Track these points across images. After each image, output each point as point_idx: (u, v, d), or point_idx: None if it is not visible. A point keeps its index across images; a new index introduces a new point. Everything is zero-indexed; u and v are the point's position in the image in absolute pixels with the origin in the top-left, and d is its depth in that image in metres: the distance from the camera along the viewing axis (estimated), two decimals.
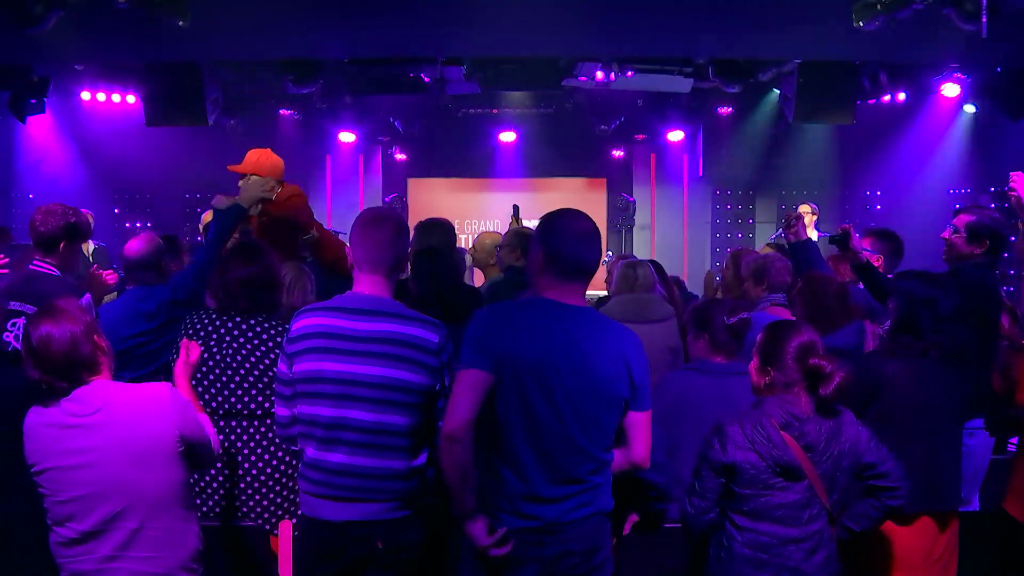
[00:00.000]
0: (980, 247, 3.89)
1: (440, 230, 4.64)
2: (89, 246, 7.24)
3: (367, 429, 2.57)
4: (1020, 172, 3.91)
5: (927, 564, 3.05)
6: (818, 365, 2.66)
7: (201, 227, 5.92)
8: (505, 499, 2.47)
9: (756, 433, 2.64)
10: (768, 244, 6.33)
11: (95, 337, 2.53)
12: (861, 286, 4.37)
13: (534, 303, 2.54)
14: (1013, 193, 3.88)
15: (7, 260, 4.15)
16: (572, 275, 2.53)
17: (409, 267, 3.81)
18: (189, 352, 2.86)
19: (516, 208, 5.67)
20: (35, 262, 3.90)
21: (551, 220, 2.58)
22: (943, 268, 3.97)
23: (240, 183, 4.16)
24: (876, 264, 4.29)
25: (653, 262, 4.82)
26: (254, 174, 4.19)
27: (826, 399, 2.68)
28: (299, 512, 2.78)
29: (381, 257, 2.65)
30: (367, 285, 2.67)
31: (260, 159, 4.32)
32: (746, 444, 2.64)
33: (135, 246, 3.94)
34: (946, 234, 3.99)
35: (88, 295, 3.86)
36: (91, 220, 7.65)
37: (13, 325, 3.73)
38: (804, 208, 7.43)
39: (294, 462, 3.08)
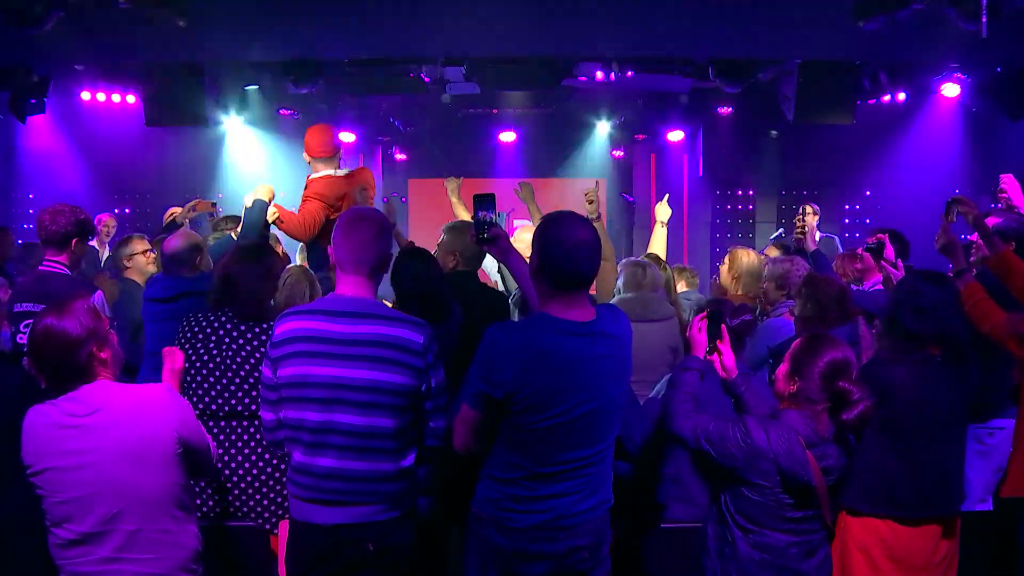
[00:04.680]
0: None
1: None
2: (105, 251, 7.26)
3: (355, 433, 2.55)
4: (1010, 175, 3.95)
5: (929, 567, 3.04)
6: (846, 390, 2.64)
7: (165, 222, 6.05)
8: (518, 497, 2.48)
9: (780, 445, 2.62)
10: (773, 244, 6.33)
11: (94, 347, 2.48)
12: (865, 287, 4.42)
13: (542, 324, 2.48)
14: (1003, 195, 3.92)
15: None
16: (567, 287, 2.47)
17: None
18: (173, 359, 2.81)
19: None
20: (45, 262, 3.94)
21: (547, 227, 2.51)
22: (943, 267, 4.00)
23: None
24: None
25: (654, 257, 4.85)
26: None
27: (847, 424, 2.65)
28: (289, 516, 2.76)
29: (363, 257, 2.62)
30: (349, 286, 2.63)
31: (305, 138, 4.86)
32: (769, 453, 2.63)
33: (174, 242, 4.20)
34: (973, 237, 4.09)
35: (100, 292, 3.92)
36: (113, 225, 7.73)
37: (27, 327, 3.75)
38: (807, 209, 7.41)
39: None
